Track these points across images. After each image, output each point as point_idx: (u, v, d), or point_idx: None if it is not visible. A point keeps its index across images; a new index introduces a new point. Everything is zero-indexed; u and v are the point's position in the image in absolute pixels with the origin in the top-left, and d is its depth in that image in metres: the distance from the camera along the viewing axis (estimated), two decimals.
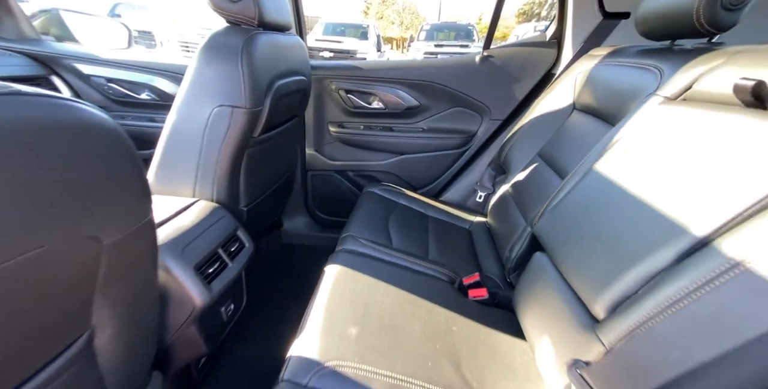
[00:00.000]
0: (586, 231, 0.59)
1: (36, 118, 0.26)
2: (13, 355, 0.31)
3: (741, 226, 0.37)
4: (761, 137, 0.41)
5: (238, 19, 0.75)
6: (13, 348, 0.30)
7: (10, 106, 0.25)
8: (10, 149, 0.24)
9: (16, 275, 0.27)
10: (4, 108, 0.24)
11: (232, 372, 0.94)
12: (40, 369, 0.34)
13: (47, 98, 0.27)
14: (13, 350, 0.30)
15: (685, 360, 0.35)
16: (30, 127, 0.26)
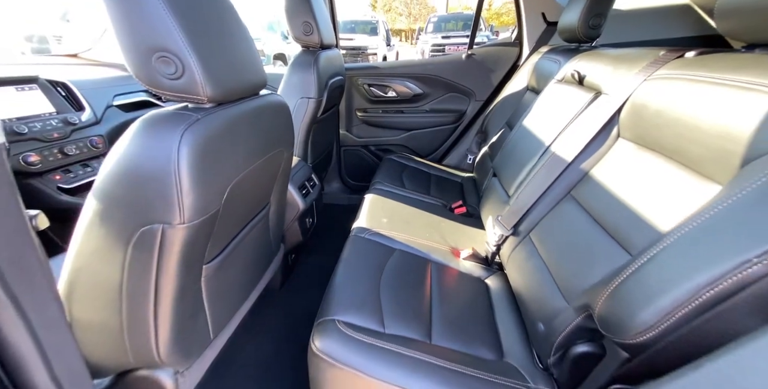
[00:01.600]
0: (517, 151, 1.07)
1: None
2: (255, 205, 0.80)
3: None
4: (578, 97, 0.87)
5: (309, 44, 1.25)
6: (254, 199, 0.79)
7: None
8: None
9: (272, 165, 0.77)
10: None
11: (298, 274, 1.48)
12: (256, 215, 0.84)
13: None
14: (255, 201, 0.80)
15: (537, 192, 0.84)
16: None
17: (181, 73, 0.48)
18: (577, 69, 0.93)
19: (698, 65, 0.56)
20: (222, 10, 0.55)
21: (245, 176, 0.65)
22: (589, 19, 1.04)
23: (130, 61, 0.48)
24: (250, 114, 0.63)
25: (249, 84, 0.62)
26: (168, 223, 0.50)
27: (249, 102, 0.64)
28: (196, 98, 0.52)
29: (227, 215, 0.64)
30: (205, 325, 0.73)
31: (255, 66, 0.63)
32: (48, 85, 1.07)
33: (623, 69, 0.75)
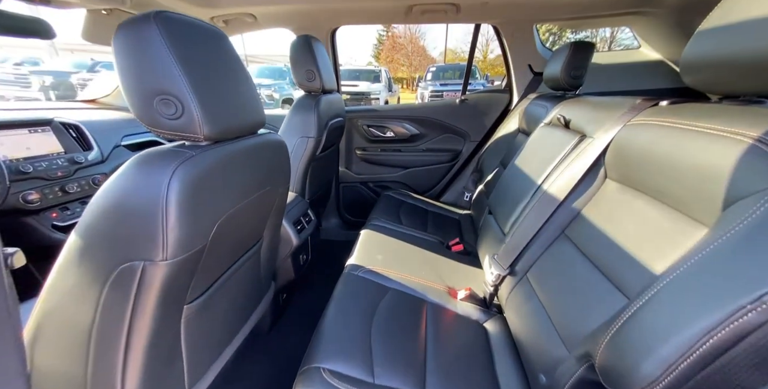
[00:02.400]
0: (510, 189, 1.08)
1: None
2: (246, 241, 0.81)
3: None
4: (564, 139, 0.91)
5: (311, 89, 1.34)
6: (245, 235, 0.80)
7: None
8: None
9: (265, 201, 0.79)
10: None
11: (290, 315, 1.41)
12: (247, 251, 0.83)
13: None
14: (246, 237, 0.80)
15: (532, 231, 0.83)
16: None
17: (180, 113, 0.51)
18: (563, 114, 0.98)
19: (672, 113, 0.59)
20: (225, 56, 0.60)
21: (237, 212, 0.65)
22: (570, 71, 1.13)
23: (134, 104, 0.51)
24: (246, 151, 0.65)
25: (247, 123, 0.64)
26: (149, 260, 0.49)
27: (246, 140, 0.66)
28: (193, 137, 0.54)
29: (215, 251, 0.63)
30: (181, 374, 0.67)
31: (254, 107, 0.66)
32: (61, 127, 1.14)
33: (604, 114, 0.80)
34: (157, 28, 0.48)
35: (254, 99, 0.68)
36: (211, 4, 1.31)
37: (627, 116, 0.70)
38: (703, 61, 0.54)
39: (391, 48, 23.96)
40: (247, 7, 1.36)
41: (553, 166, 0.89)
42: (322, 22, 1.54)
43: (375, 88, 8.08)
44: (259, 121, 0.70)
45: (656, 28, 1.31)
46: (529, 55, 1.62)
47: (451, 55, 21.03)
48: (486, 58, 20.22)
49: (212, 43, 0.57)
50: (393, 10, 1.42)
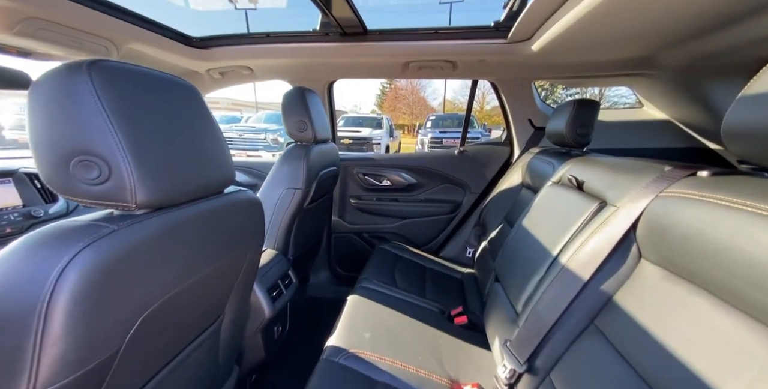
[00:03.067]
0: (520, 256, 0.94)
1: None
2: (197, 323, 0.65)
3: (565, 249, 0.74)
4: (580, 204, 0.80)
5: (301, 140, 1.28)
6: (196, 318, 0.65)
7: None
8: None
9: (227, 271, 0.65)
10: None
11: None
12: (200, 334, 0.67)
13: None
14: (197, 319, 0.65)
15: (552, 316, 0.67)
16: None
17: (106, 177, 0.40)
18: (574, 174, 0.89)
19: (718, 187, 0.48)
20: (184, 108, 0.51)
21: (180, 294, 0.51)
22: (576, 128, 1.07)
23: (42, 166, 0.41)
24: (201, 216, 0.55)
25: (208, 183, 0.55)
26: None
27: (204, 203, 0.56)
28: (121, 205, 0.43)
29: (141, 351, 0.48)
30: None
31: (220, 163, 0.57)
32: (25, 178, 1.04)
33: (626, 179, 0.70)
34: (89, 77, 0.40)
35: (220, 155, 0.58)
36: (205, 56, 1.31)
37: (658, 185, 0.59)
38: (749, 130, 0.45)
39: (394, 98, 25.71)
40: (243, 60, 1.37)
41: (571, 235, 0.76)
42: (318, 75, 1.55)
43: (376, 134, 8.37)
44: (226, 179, 0.60)
45: (658, 89, 1.30)
46: (528, 110, 1.61)
47: (449, 105, 22.45)
48: (483, 108, 21.51)
49: (167, 95, 0.49)
50: (390, 65, 1.43)
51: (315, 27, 1.29)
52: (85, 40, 0.90)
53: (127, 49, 1.04)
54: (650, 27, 0.89)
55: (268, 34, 1.27)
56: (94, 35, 0.91)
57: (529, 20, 1.02)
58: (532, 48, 1.13)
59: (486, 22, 1.24)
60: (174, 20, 1.19)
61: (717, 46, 0.92)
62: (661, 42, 1.01)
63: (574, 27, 0.90)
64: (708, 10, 0.76)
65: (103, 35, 0.93)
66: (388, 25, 1.26)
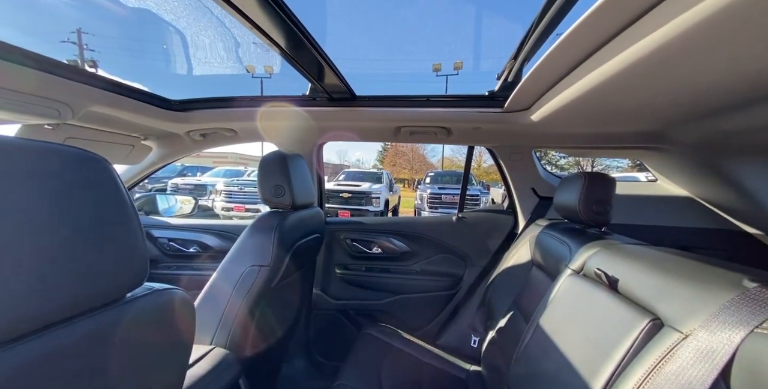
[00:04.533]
0: (544, 374, 0.68)
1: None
2: None
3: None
4: (621, 315, 0.59)
5: (277, 206, 1.12)
6: None
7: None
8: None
9: None
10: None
11: None
12: None
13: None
14: None
15: None
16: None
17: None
18: (601, 267, 0.69)
19: None
20: (69, 177, 0.36)
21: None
22: (591, 204, 0.92)
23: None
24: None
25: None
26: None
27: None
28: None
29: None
30: None
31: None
32: None
33: (687, 293, 0.50)
34: None
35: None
36: (185, 119, 1.25)
37: (749, 314, 0.40)
38: None
39: (395, 154, 26.99)
40: (226, 122, 1.31)
41: (619, 360, 0.53)
42: (306, 138, 1.48)
43: (376, 188, 8.42)
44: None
45: (674, 163, 1.19)
46: (530, 179, 1.49)
47: (448, 162, 23.36)
48: (480, 166, 22.30)
49: (42, 177, 0.34)
50: (381, 129, 1.36)
51: (305, 92, 1.26)
52: (31, 104, 0.81)
53: (90, 112, 0.96)
54: (659, 103, 0.80)
55: (252, 98, 1.22)
56: (47, 99, 0.83)
57: (526, 92, 0.95)
58: (531, 118, 1.05)
59: (481, 91, 1.20)
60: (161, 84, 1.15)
61: (736, 125, 0.82)
62: (673, 118, 0.91)
63: (575, 100, 0.81)
64: (718, 92, 0.67)
65: (54, 97, 0.84)
66: (378, 93, 1.21)
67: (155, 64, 5.98)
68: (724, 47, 0.47)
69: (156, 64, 6.03)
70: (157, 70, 6.26)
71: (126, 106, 1.02)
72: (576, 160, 17.21)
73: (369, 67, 26.19)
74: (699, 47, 0.48)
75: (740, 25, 0.41)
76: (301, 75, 1.02)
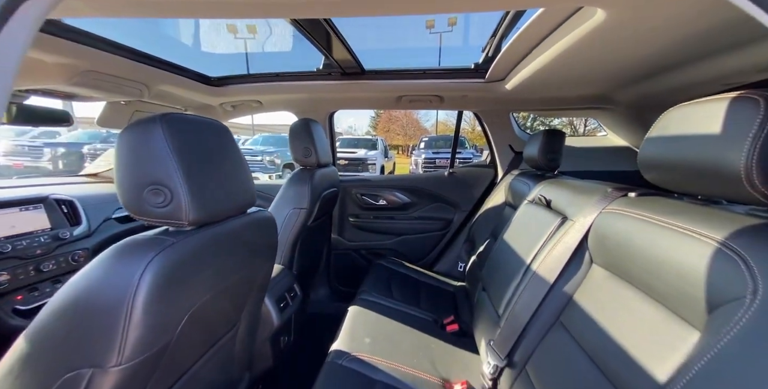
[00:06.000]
0: (501, 266, 1.06)
1: None
2: (219, 328, 0.75)
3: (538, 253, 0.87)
4: (547, 219, 0.94)
5: (306, 164, 1.43)
6: (219, 322, 0.74)
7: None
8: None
9: (246, 280, 0.77)
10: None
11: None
12: (220, 338, 0.76)
13: None
14: (220, 324, 0.75)
15: (526, 316, 0.78)
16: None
17: (168, 201, 0.53)
18: (544, 194, 1.04)
19: (641, 206, 0.63)
20: (223, 145, 0.65)
21: (213, 297, 0.62)
22: (546, 154, 1.24)
23: (123, 193, 0.53)
24: (232, 231, 0.67)
25: (236, 204, 0.67)
26: (99, 366, 0.45)
27: (234, 220, 0.68)
28: (177, 223, 0.55)
29: (181, 347, 0.58)
30: None
31: (245, 188, 0.69)
32: (54, 203, 1.16)
33: (582, 198, 0.84)
34: (161, 127, 0.53)
35: (246, 182, 0.71)
36: (220, 93, 1.49)
37: (602, 203, 0.74)
38: (655, 163, 0.60)
39: (388, 120, 26.46)
40: (254, 95, 1.55)
41: (540, 246, 0.89)
42: (321, 107, 1.73)
43: (372, 154, 8.62)
44: (249, 201, 0.72)
45: (616, 120, 1.49)
46: (508, 137, 1.79)
47: (442, 127, 23.12)
48: (474, 129, 22.21)
49: (213, 136, 0.63)
50: (384, 99, 1.61)
51: (318, 67, 1.49)
52: (124, 85, 1.05)
53: (157, 89, 1.20)
54: (603, 71, 1.08)
55: (277, 74, 1.46)
56: (132, 81, 1.07)
57: (502, 64, 1.21)
58: (506, 87, 1.32)
59: (468, 63, 1.45)
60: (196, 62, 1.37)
61: (659, 87, 1.11)
62: (613, 83, 1.20)
63: (540, 70, 1.09)
64: (647, 60, 0.95)
65: (139, 80, 1.09)
66: (382, 64, 1.45)
67: (186, 43, 5.53)
68: (639, 31, 0.75)
69: (186, 43, 5.59)
70: (187, 49, 5.83)
71: (181, 83, 1.26)
72: (570, 120, 17.45)
73: (375, 41, 24.71)
74: (623, 31, 0.76)
75: (652, 12, 0.68)
76: (318, 51, 1.24)
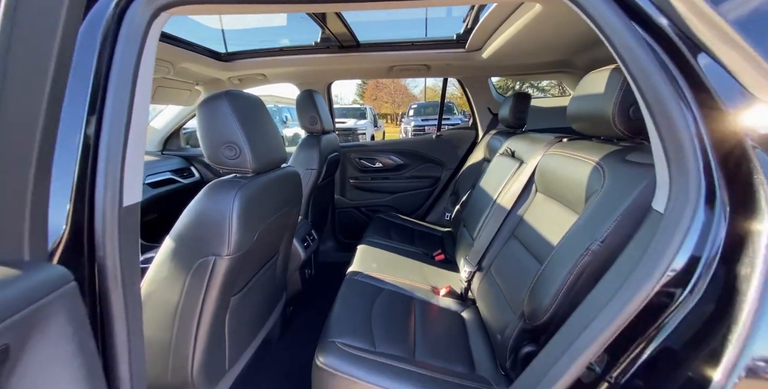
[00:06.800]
0: (476, 204, 1.36)
1: None
2: (269, 251, 1.02)
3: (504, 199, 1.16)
4: (510, 165, 1.21)
5: (313, 131, 1.64)
6: (269, 246, 1.01)
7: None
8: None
9: (285, 218, 1.03)
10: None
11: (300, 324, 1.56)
12: (267, 261, 1.04)
13: None
14: (270, 248, 1.02)
15: (491, 234, 1.09)
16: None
17: (238, 155, 0.77)
18: (510, 146, 1.30)
19: (568, 147, 0.90)
20: (263, 115, 0.88)
21: (270, 225, 0.88)
22: (515, 113, 1.48)
23: (207, 149, 0.76)
24: (275, 180, 0.89)
25: (275, 160, 0.89)
26: (219, 255, 0.69)
27: (275, 172, 0.91)
28: (243, 170, 0.78)
29: (253, 255, 0.85)
30: (223, 356, 0.85)
31: (279, 148, 0.91)
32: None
33: (533, 147, 1.12)
34: (226, 101, 0.76)
35: (278, 142, 0.94)
36: (229, 67, 1.64)
37: (546, 148, 1.02)
38: (575, 116, 0.87)
39: (375, 87, 25.64)
40: (259, 69, 1.71)
41: (503, 185, 1.18)
42: (320, 78, 1.90)
43: (361, 124, 8.66)
44: (283, 158, 0.96)
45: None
46: (487, 101, 2.02)
47: (430, 93, 22.64)
48: (462, 95, 21.82)
49: (257, 108, 0.86)
50: (377, 69, 1.79)
51: (316, 40, 1.64)
52: (156, 65, 1.22)
53: (179, 67, 1.37)
54: (564, 37, 1.30)
55: (281, 48, 1.61)
56: (161, 60, 1.24)
57: (480, 34, 1.41)
58: (483, 56, 1.53)
59: (451, 33, 1.63)
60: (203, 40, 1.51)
61: (605, 52, 1.34)
62: (573, 49, 1.42)
63: (511, 40, 1.30)
64: (584, 33, 1.17)
65: (167, 59, 1.25)
66: (374, 36, 1.62)
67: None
68: None
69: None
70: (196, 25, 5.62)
71: (199, 60, 1.42)
72: (558, 82, 17.59)
73: (367, 14, 22.79)
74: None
75: None
76: (316, 24, 1.40)
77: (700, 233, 0.42)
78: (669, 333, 0.42)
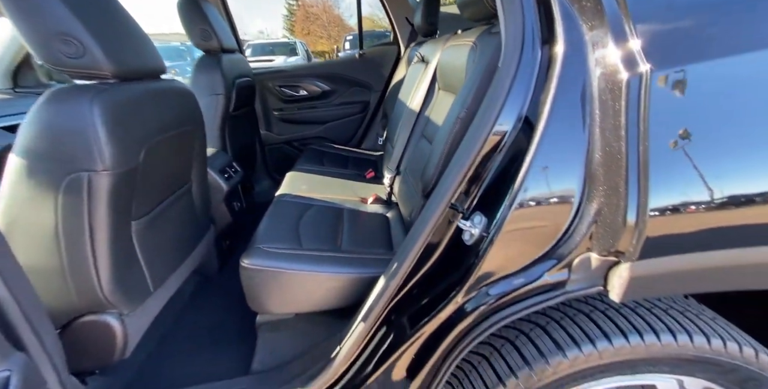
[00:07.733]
0: (395, 116, 1.37)
1: None
2: (175, 178, 0.94)
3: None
4: (420, 70, 1.19)
5: (209, 49, 1.41)
6: (174, 172, 0.93)
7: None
8: None
9: (185, 141, 0.93)
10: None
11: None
12: (178, 189, 0.96)
13: None
14: (174, 174, 0.93)
15: (405, 136, 1.12)
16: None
17: (82, 52, 0.63)
18: (421, 52, 1.27)
19: (459, 37, 0.90)
20: (116, 6, 0.72)
21: (160, 144, 0.78)
22: (427, 18, 1.41)
23: (33, 46, 0.61)
24: (154, 92, 0.77)
25: (148, 66, 0.76)
26: (92, 170, 0.61)
27: (151, 83, 0.78)
28: (101, 74, 0.64)
29: (149, 178, 0.77)
30: (143, 277, 0.84)
31: (151, 52, 0.77)
32: None
33: (437, 46, 1.10)
34: None
35: (150, 45, 0.80)
36: None
37: (443, 44, 1.00)
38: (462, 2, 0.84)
39: (305, 19, 22.43)
40: None
41: (413, 91, 1.18)
42: None
43: (292, 61, 7.77)
44: (160, 66, 0.82)
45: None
46: (404, 9, 1.87)
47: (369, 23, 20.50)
48: None
49: None
50: None
51: None
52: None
53: None
54: None
55: None
56: None
57: None
58: None
59: None
60: None
61: None
62: None
63: None
64: None
65: None
66: None
67: None
68: None
69: None
70: None
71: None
72: None
73: None
74: None
75: None
76: None
77: (527, 78, 0.47)
78: (497, 164, 0.50)
